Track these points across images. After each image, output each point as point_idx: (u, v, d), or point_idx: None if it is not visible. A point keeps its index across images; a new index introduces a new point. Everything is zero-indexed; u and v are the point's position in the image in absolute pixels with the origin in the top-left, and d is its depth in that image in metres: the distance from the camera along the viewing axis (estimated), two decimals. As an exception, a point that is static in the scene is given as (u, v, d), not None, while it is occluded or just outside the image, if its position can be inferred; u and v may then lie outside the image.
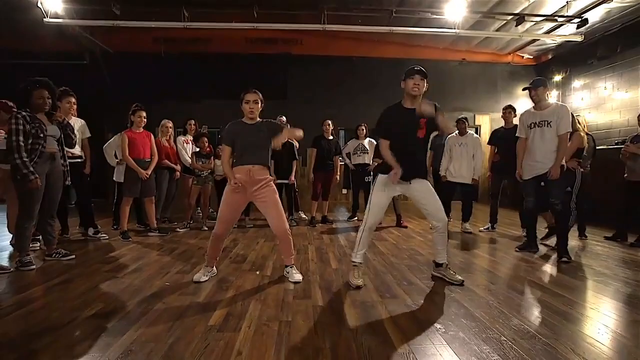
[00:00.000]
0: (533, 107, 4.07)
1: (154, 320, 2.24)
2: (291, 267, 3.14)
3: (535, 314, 2.43)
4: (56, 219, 3.78)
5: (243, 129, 3.06)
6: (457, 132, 5.64)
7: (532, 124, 3.98)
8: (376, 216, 3.05)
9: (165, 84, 9.06)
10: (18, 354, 1.85)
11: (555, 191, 3.87)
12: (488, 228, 5.50)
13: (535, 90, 3.96)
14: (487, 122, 10.00)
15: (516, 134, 4.23)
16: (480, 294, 2.75)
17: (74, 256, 3.70)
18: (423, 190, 3.02)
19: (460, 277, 3.01)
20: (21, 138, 3.25)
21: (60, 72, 8.34)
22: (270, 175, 3.11)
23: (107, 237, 4.68)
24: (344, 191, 9.56)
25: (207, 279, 3.04)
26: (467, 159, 5.46)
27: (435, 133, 3.30)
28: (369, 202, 3.10)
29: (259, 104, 3.08)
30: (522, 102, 9.91)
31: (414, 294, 2.77)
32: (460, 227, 5.53)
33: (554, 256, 3.94)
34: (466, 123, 5.63)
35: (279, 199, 3.12)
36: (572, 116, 4.01)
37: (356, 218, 6.41)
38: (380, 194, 3.06)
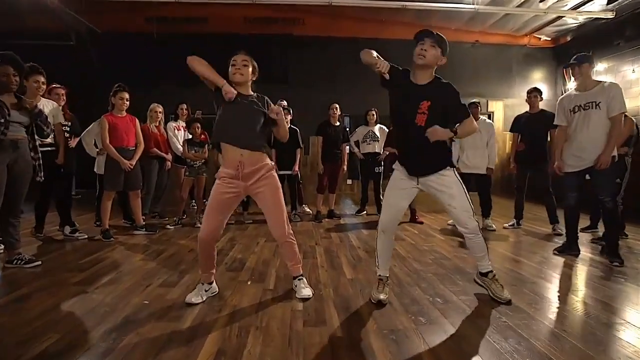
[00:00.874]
0: (575, 88, 3.48)
1: (121, 362, 1.69)
2: (299, 279, 2.57)
3: (602, 339, 1.88)
4: (20, 218, 3.20)
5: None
6: None
7: (577, 107, 3.39)
8: (389, 217, 2.48)
9: (158, 67, 8.42)
10: None
11: (604, 185, 3.31)
12: (513, 224, 4.94)
13: (579, 67, 3.36)
14: (500, 109, 9.37)
15: (554, 122, 3.64)
16: (539, 319, 2.19)
17: (39, 263, 3.12)
18: (443, 186, 2.39)
19: (507, 295, 2.44)
20: None
21: (43, 53, 7.75)
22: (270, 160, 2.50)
23: (85, 237, 4.10)
24: (349, 182, 8.97)
25: (203, 300, 2.41)
26: (481, 147, 4.88)
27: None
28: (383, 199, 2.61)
29: (250, 68, 2.43)
30: (539, 88, 9.33)
31: (454, 315, 2.22)
32: (481, 224, 4.96)
33: (599, 258, 3.40)
34: (479, 108, 5.03)
35: (281, 196, 2.49)
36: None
37: (365, 212, 5.85)
38: (396, 192, 2.48)
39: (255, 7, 6.82)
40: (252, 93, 2.47)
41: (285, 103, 5.44)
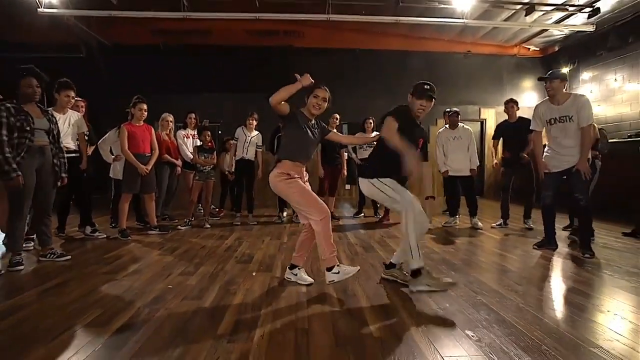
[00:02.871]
0: (549, 100, 3.86)
1: (156, 330, 2.03)
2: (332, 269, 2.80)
3: (572, 317, 2.23)
4: (51, 217, 3.56)
5: (306, 122, 2.81)
6: (447, 125, 5.51)
7: (552, 120, 3.79)
8: (412, 198, 2.66)
9: (165, 77, 8.81)
10: (5, 371, 1.65)
11: (579, 185, 3.68)
12: (500, 224, 5.31)
13: (551, 83, 3.73)
14: (492, 116, 9.78)
15: (530, 127, 4.02)
16: (508, 296, 2.56)
17: (69, 257, 3.49)
18: None
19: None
20: (4, 132, 3.03)
21: (56, 65, 8.13)
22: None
23: (104, 236, 4.47)
24: (347, 187, 9.35)
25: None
26: (462, 152, 5.37)
27: None
28: (389, 198, 2.71)
29: (327, 104, 2.86)
30: (528, 95, 9.76)
31: (437, 296, 2.57)
32: (469, 223, 5.33)
33: (574, 252, 3.76)
34: (459, 116, 5.46)
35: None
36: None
37: (362, 215, 6.21)
38: (395, 186, 2.72)
39: (256, 20, 7.20)
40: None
41: (337, 116, 5.93)
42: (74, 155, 4.17)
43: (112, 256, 3.65)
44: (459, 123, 5.47)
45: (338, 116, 5.91)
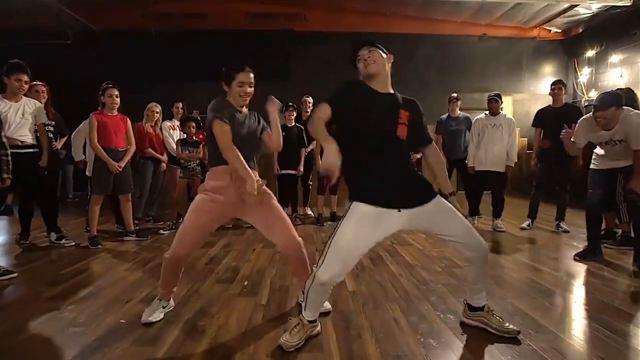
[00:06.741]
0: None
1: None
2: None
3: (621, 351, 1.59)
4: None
5: (236, 116, 2.14)
6: (487, 112, 4.76)
7: (599, 143, 3.27)
8: (339, 267, 1.77)
9: (157, 65, 8.19)
10: None
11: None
12: (529, 224, 4.64)
13: (604, 112, 2.99)
14: (509, 104, 8.98)
15: (572, 139, 3.32)
16: (568, 341, 1.90)
17: (15, 274, 2.88)
18: (436, 214, 1.86)
19: (513, 327, 1.95)
20: None
21: (41, 52, 7.62)
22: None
23: (72, 244, 3.87)
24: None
25: (161, 317, 2.15)
26: (500, 143, 4.58)
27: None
28: (329, 241, 1.79)
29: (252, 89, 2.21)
30: (549, 82, 8.95)
31: (469, 337, 1.94)
32: (490, 225, 4.68)
33: (625, 265, 3.12)
34: (499, 102, 4.72)
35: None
36: None
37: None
38: (359, 231, 1.75)
39: (256, 2, 6.56)
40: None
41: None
42: (31, 150, 3.56)
43: (70, 272, 3.04)
44: (500, 111, 4.70)
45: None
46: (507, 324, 1.96)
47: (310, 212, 5.64)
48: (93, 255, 3.53)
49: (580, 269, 3.13)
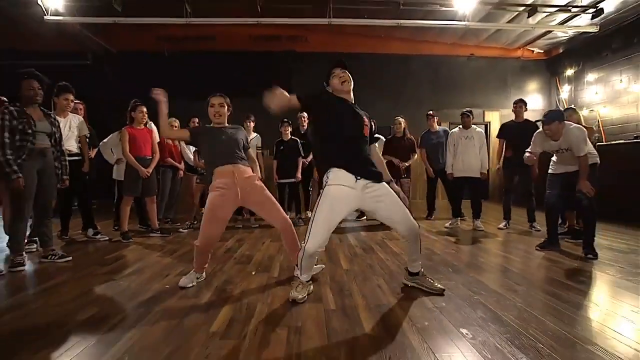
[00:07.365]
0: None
1: (151, 326, 2.04)
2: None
3: (570, 317, 2.19)
4: (51, 218, 3.59)
5: (211, 132, 2.96)
6: (460, 126, 5.48)
7: (551, 151, 3.96)
8: (322, 238, 2.35)
9: (169, 83, 8.56)
10: (-2, 366, 1.67)
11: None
12: (505, 225, 5.26)
13: (549, 126, 3.70)
14: (496, 119, 9.71)
15: (529, 149, 4.04)
16: (506, 296, 2.53)
17: (70, 258, 3.51)
18: (384, 197, 2.43)
19: (440, 285, 2.61)
20: (6, 134, 3.09)
21: (62, 72, 8.25)
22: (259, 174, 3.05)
23: (107, 238, 4.50)
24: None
25: (194, 284, 2.78)
26: (473, 153, 5.30)
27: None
28: (311, 220, 2.39)
29: (225, 108, 3.07)
30: (533, 98, 9.67)
31: (433, 295, 2.55)
32: (472, 225, 5.29)
33: (577, 253, 3.71)
34: (471, 117, 5.44)
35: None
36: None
37: (365, 217, 6.19)
38: (332, 206, 2.35)
39: (260, 26, 7.26)
40: (228, 124, 3.15)
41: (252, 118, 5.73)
42: (76, 158, 4.21)
43: (112, 258, 3.67)
44: (472, 125, 5.45)
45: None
46: (436, 284, 2.60)
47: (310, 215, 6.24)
48: (126, 247, 4.15)
49: (540, 256, 3.73)
